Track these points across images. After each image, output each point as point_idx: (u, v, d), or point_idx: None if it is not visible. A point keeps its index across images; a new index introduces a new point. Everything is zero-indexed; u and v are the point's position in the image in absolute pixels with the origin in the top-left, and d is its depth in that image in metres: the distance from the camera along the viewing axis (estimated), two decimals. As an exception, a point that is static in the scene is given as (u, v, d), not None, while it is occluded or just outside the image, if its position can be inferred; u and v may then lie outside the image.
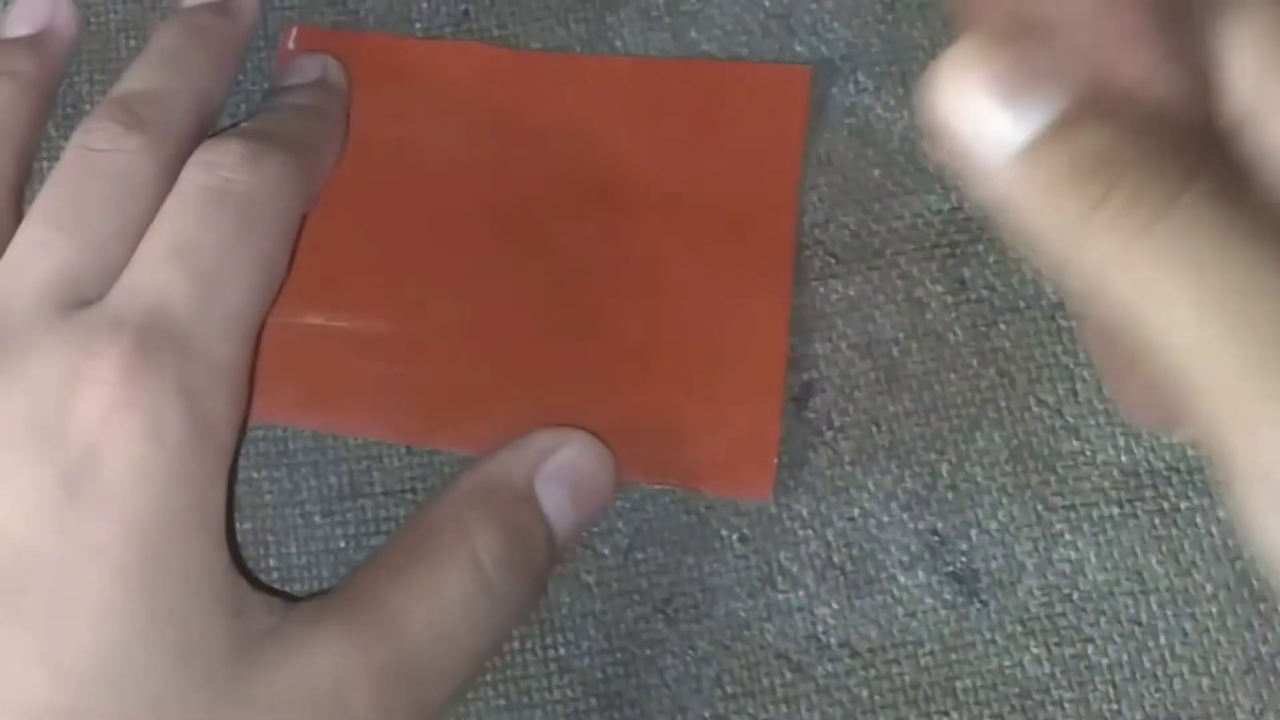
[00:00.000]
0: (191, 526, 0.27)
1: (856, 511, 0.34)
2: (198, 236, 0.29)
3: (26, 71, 0.33)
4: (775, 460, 0.34)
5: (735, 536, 0.34)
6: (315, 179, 0.32)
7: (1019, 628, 0.33)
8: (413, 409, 0.34)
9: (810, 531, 0.34)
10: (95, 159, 0.30)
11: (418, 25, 0.37)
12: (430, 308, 0.34)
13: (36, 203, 0.30)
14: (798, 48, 0.37)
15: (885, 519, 0.34)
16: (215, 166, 0.30)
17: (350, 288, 0.34)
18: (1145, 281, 0.19)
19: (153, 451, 0.27)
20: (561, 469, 0.32)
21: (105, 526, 0.26)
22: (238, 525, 0.32)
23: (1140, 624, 0.33)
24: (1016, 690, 0.33)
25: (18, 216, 0.31)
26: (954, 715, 0.33)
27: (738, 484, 0.34)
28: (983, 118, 0.20)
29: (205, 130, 0.32)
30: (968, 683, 0.33)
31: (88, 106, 0.33)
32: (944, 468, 0.34)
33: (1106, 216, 0.19)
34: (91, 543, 0.26)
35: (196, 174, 0.30)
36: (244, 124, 0.33)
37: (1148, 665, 0.33)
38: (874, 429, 0.34)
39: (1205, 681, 0.33)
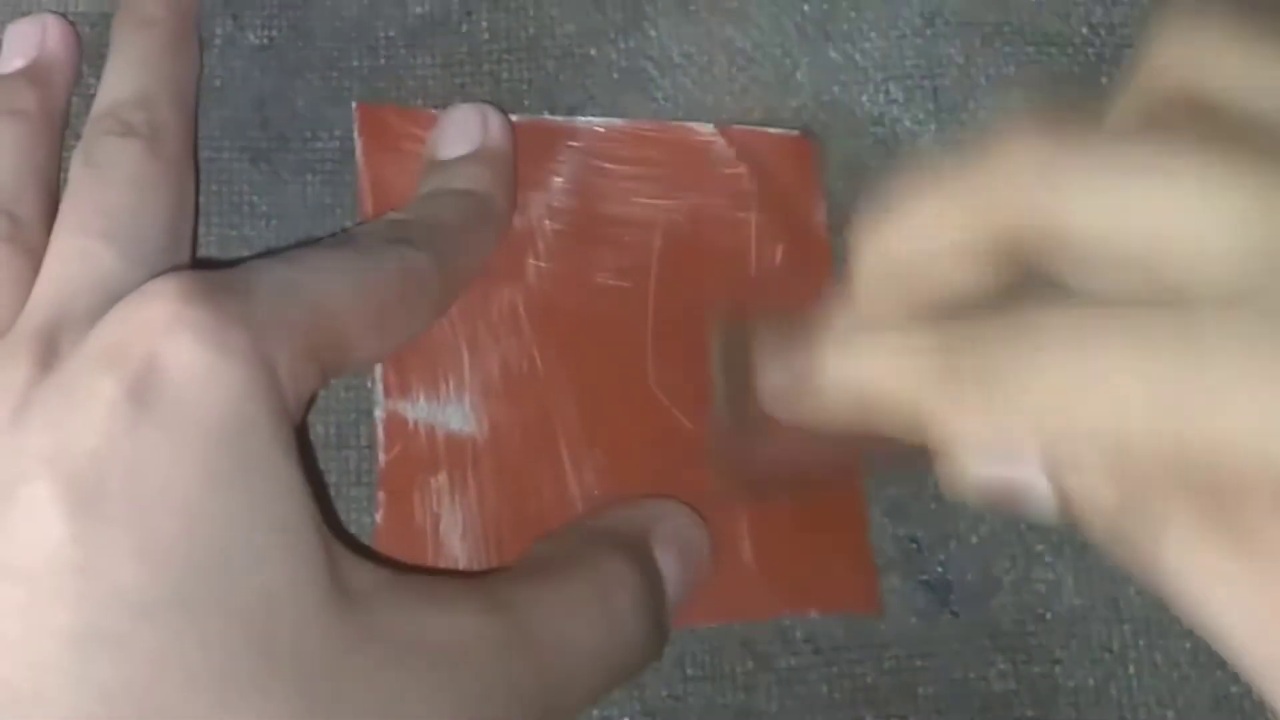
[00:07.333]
0: (267, 439, 0.27)
1: (838, 511, 0.34)
2: None
3: (29, 107, 0.33)
4: (875, 571, 0.33)
5: (714, 523, 0.34)
6: (462, 262, 0.33)
7: (988, 642, 0.33)
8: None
9: (789, 526, 0.34)
10: (103, 173, 0.31)
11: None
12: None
13: (63, 217, 0.31)
14: (832, 54, 0.37)
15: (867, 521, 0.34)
16: None
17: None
18: None
19: (218, 361, 0.26)
20: (671, 533, 0.32)
21: (180, 428, 0.26)
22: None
23: (1111, 651, 0.33)
24: (978, 703, 0.33)
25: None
26: (911, 719, 0.33)
27: (843, 599, 0.33)
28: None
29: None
30: (929, 690, 0.33)
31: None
32: (931, 477, 0.34)
33: None
34: (168, 443, 0.26)
35: None
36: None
37: (1114, 693, 0.33)
38: (865, 432, 0.34)
39: (1170, 714, 0.33)
